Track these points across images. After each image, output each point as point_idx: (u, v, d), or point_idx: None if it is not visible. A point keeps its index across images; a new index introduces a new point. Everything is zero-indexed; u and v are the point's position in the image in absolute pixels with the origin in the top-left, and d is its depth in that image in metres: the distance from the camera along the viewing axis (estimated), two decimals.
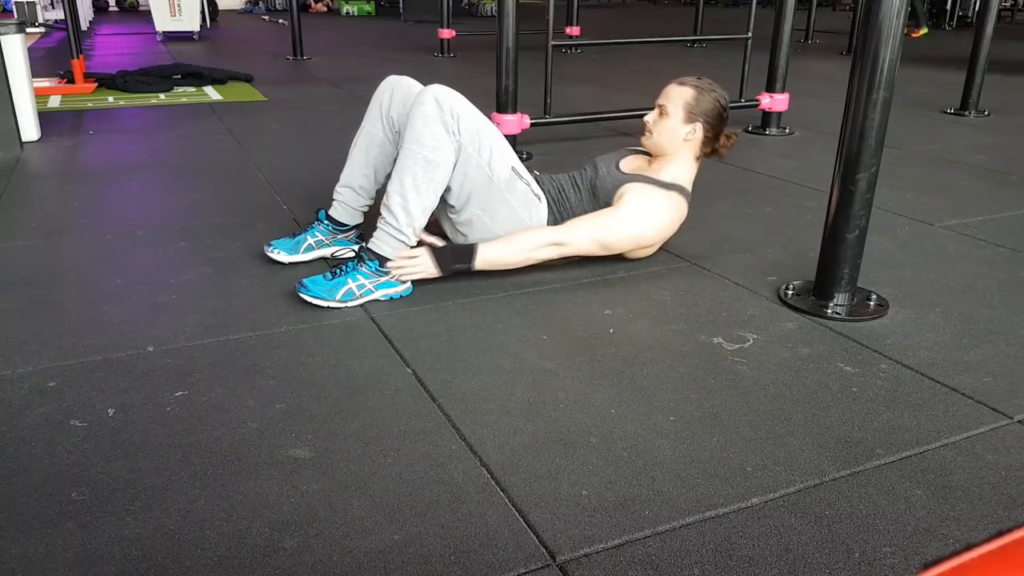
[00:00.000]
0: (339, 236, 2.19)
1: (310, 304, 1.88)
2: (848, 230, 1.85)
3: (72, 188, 2.96)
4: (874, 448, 1.37)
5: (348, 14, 12.63)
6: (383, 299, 1.93)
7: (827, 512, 1.21)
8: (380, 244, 1.92)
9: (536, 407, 1.49)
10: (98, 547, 1.12)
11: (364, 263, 1.91)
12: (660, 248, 2.26)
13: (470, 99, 1.98)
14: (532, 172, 2.19)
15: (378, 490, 1.25)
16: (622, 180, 2.14)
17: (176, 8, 8.42)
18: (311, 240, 2.17)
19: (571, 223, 2.10)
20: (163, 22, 8.48)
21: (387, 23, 11.21)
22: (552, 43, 3.44)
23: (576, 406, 1.49)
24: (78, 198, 2.82)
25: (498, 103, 3.25)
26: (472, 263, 2.00)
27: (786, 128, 4.09)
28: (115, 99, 4.84)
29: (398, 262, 1.94)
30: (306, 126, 4.17)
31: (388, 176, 2.04)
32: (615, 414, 1.47)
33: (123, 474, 1.28)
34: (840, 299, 1.91)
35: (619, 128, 3.87)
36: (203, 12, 9.42)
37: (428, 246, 2.00)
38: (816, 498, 1.24)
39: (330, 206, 2.18)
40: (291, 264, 2.14)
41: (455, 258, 1.99)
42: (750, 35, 4.11)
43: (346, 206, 2.17)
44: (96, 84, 5.15)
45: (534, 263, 2.08)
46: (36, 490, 1.23)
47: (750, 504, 1.22)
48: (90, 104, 4.66)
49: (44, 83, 5.09)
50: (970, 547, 0.42)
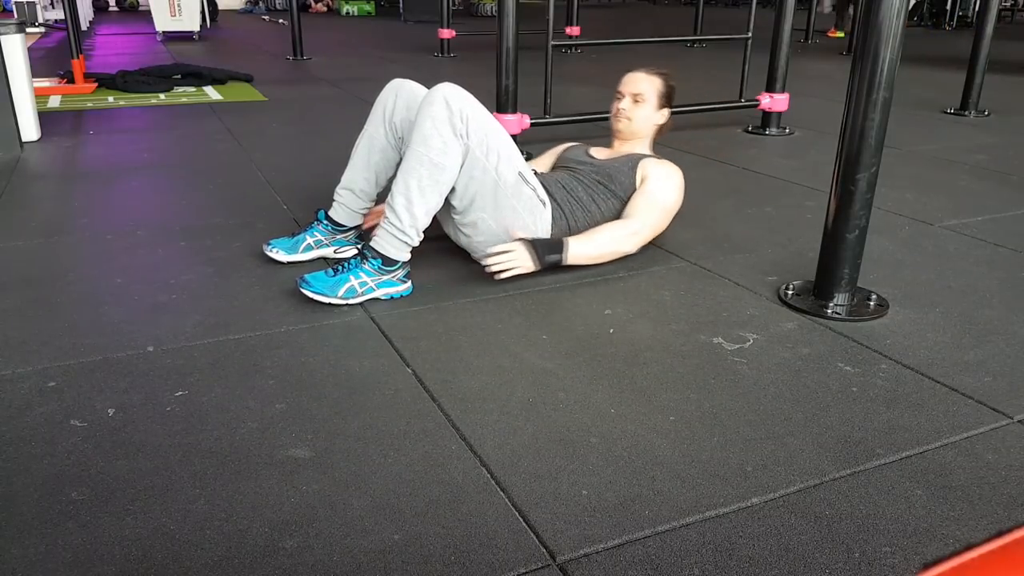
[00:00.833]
0: (338, 236, 2.19)
1: (311, 302, 1.88)
2: (848, 230, 1.85)
3: (72, 188, 2.96)
4: (874, 448, 1.37)
5: (348, 14, 12.64)
6: (384, 298, 1.93)
7: (827, 512, 1.21)
8: (383, 244, 1.92)
9: (536, 407, 1.49)
10: (98, 547, 1.12)
11: (367, 261, 1.91)
12: (660, 247, 2.29)
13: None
14: (536, 173, 2.20)
15: (378, 490, 1.25)
16: (629, 162, 2.24)
17: (176, 8, 8.42)
18: (310, 240, 2.17)
19: (634, 213, 2.18)
20: (163, 22, 8.49)
21: (387, 23, 11.22)
22: (552, 43, 3.44)
23: (576, 406, 1.49)
24: (78, 198, 2.82)
25: (498, 103, 3.25)
26: (563, 256, 2.05)
27: (786, 128, 4.09)
28: (115, 99, 4.84)
29: (495, 257, 1.99)
30: (306, 126, 4.17)
31: (389, 180, 2.05)
32: (615, 414, 1.47)
33: (123, 474, 1.28)
34: (840, 299, 1.91)
35: None
36: (203, 12, 9.43)
37: (520, 240, 2.04)
38: (816, 498, 1.24)
39: (330, 206, 2.19)
40: (290, 264, 2.14)
41: (548, 251, 2.03)
42: (750, 35, 4.11)
43: (346, 208, 2.17)
44: (96, 84, 5.15)
45: (617, 257, 2.17)
46: (36, 490, 1.23)
47: (750, 504, 1.22)
48: (90, 104, 4.66)
49: (44, 83, 5.09)
50: (970, 547, 0.42)
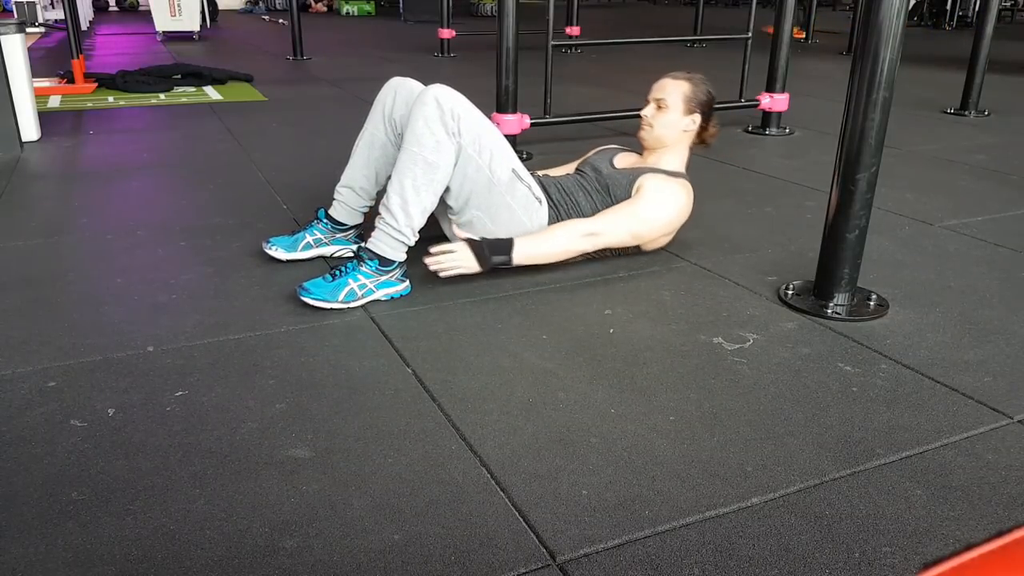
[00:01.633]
0: (338, 235, 2.19)
1: (312, 306, 1.88)
2: (848, 230, 1.85)
3: (72, 188, 2.96)
4: (874, 448, 1.37)
5: (348, 14, 12.63)
6: (384, 299, 1.93)
7: (827, 512, 1.21)
8: (379, 244, 1.92)
9: (536, 407, 1.49)
10: (98, 547, 1.12)
11: (364, 263, 1.91)
12: (661, 247, 2.28)
13: (470, 99, 1.98)
14: (534, 174, 2.20)
15: (378, 490, 1.25)
16: (634, 174, 2.19)
17: (176, 8, 8.42)
18: (310, 238, 2.17)
19: (603, 214, 2.14)
20: (163, 22, 8.48)
21: (387, 23, 11.21)
22: (552, 43, 3.44)
23: (576, 406, 1.49)
24: (78, 198, 2.82)
25: (498, 103, 3.25)
26: (511, 257, 2.01)
27: (786, 128, 4.09)
28: (115, 99, 4.84)
29: (436, 257, 1.96)
30: (306, 126, 4.17)
31: (389, 178, 2.05)
32: (615, 414, 1.47)
33: (123, 474, 1.28)
34: (840, 299, 1.91)
35: (619, 128, 3.87)
36: (203, 12, 9.42)
37: (465, 240, 2.01)
38: (816, 498, 1.24)
39: (330, 205, 2.19)
40: (289, 262, 2.14)
41: (493, 251, 2.00)
42: (750, 35, 4.11)
43: (346, 206, 2.17)
44: (96, 84, 5.15)
45: (571, 256, 2.12)
46: (36, 490, 1.23)
47: (750, 504, 1.22)
48: (90, 104, 4.66)
49: (44, 83, 5.09)
50: (970, 547, 0.42)
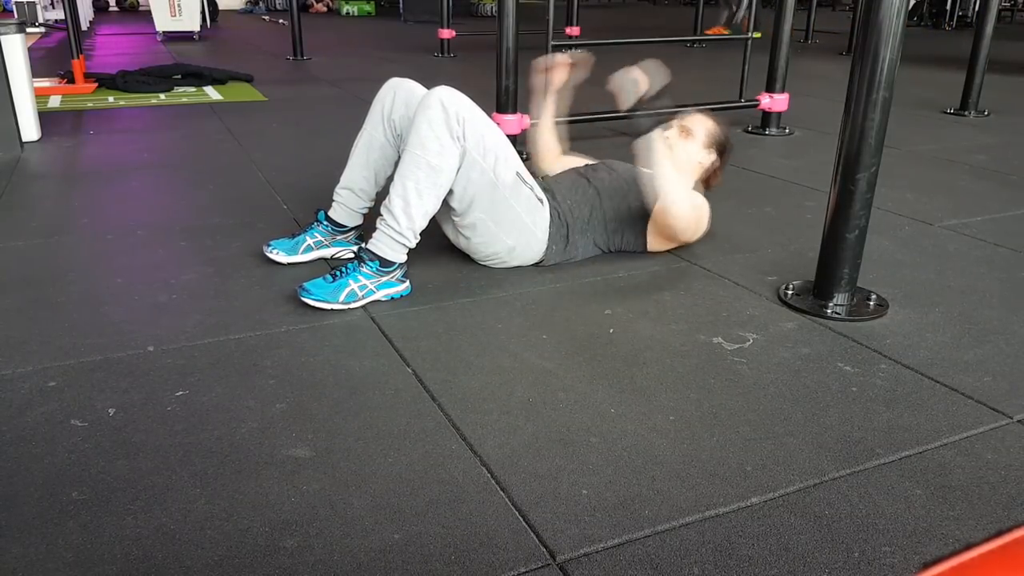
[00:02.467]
0: (338, 237, 2.19)
1: (313, 307, 1.88)
2: (848, 230, 1.86)
3: (72, 188, 2.96)
4: (874, 448, 1.37)
5: (348, 14, 12.63)
6: (384, 299, 1.93)
7: (827, 512, 1.21)
8: (380, 246, 1.92)
9: (536, 407, 1.49)
10: (99, 547, 1.12)
11: (365, 263, 1.91)
12: (661, 251, 2.28)
13: (470, 99, 1.98)
14: (539, 178, 2.21)
15: (378, 490, 1.25)
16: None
17: (176, 8, 8.41)
18: (310, 241, 2.17)
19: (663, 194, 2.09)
20: (163, 22, 8.48)
21: (387, 23, 11.21)
22: (552, 43, 3.44)
23: (576, 406, 1.49)
24: (78, 198, 2.82)
25: (498, 103, 3.25)
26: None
27: (786, 128, 4.09)
28: (115, 99, 4.84)
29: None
30: (306, 126, 4.17)
31: (389, 179, 2.04)
32: (615, 414, 1.47)
33: (124, 474, 1.28)
34: (840, 299, 1.91)
35: (618, 128, 3.87)
36: (203, 12, 9.42)
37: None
38: (816, 498, 1.24)
39: (329, 207, 2.19)
40: (290, 264, 2.14)
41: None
42: (750, 35, 4.11)
43: (345, 207, 2.17)
44: (96, 84, 5.15)
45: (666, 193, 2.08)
46: (37, 490, 1.24)
47: (750, 504, 1.23)
48: (90, 104, 4.66)
49: (44, 83, 5.09)
50: (970, 547, 0.42)
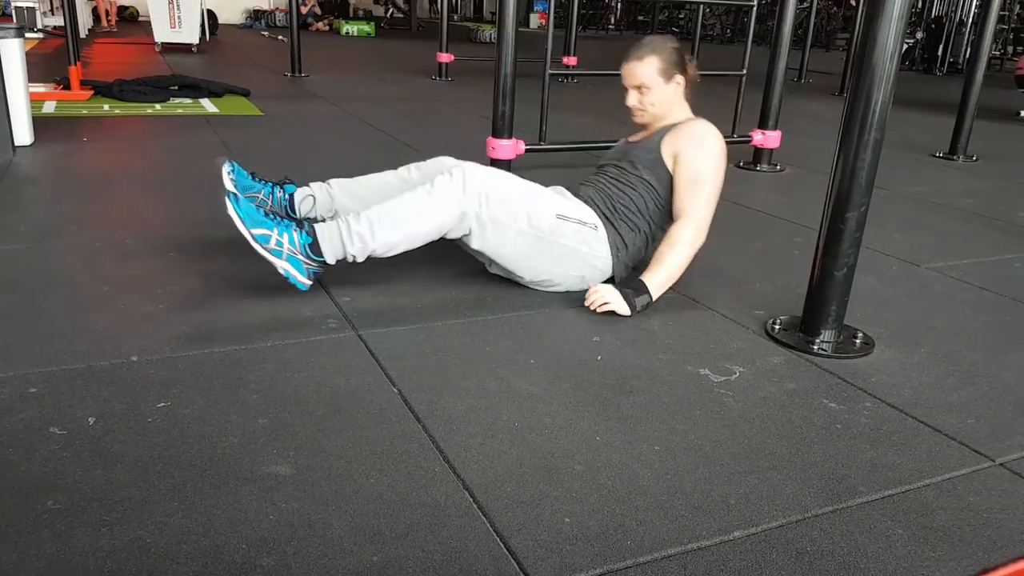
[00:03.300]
0: (285, 220, 2.16)
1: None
2: (836, 268, 1.87)
3: (63, 194, 2.95)
4: (857, 486, 1.37)
5: (348, 34, 12.71)
6: (281, 272, 1.89)
7: (809, 548, 1.21)
8: (327, 236, 1.90)
9: (521, 431, 1.48)
10: (72, 557, 1.10)
11: (300, 232, 1.89)
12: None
13: (466, 123, 2.01)
14: (579, 192, 2.22)
15: (358, 510, 1.23)
16: (653, 138, 2.20)
17: (176, 20, 8.44)
18: (264, 207, 2.12)
19: (680, 208, 2.12)
20: (162, 33, 8.50)
21: (387, 44, 11.29)
22: (550, 71, 3.47)
23: (561, 432, 1.49)
24: (68, 204, 2.81)
25: (494, 128, 3.28)
26: (651, 296, 2.04)
27: (777, 165, 4.13)
28: (110, 107, 4.84)
29: (592, 298, 2.03)
30: (301, 141, 4.17)
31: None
32: (600, 441, 1.46)
33: (101, 484, 1.26)
34: (826, 336, 1.92)
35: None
36: (203, 25, 9.45)
37: (610, 284, 2.08)
38: (798, 534, 1.24)
39: (305, 185, 2.18)
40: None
41: (636, 295, 2.02)
42: (744, 72, 4.16)
43: (319, 205, 2.16)
44: (92, 92, 5.15)
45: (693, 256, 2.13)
46: (11, 497, 1.22)
47: (732, 537, 1.22)
48: (85, 111, 4.65)
49: (40, 88, 5.08)
50: None
